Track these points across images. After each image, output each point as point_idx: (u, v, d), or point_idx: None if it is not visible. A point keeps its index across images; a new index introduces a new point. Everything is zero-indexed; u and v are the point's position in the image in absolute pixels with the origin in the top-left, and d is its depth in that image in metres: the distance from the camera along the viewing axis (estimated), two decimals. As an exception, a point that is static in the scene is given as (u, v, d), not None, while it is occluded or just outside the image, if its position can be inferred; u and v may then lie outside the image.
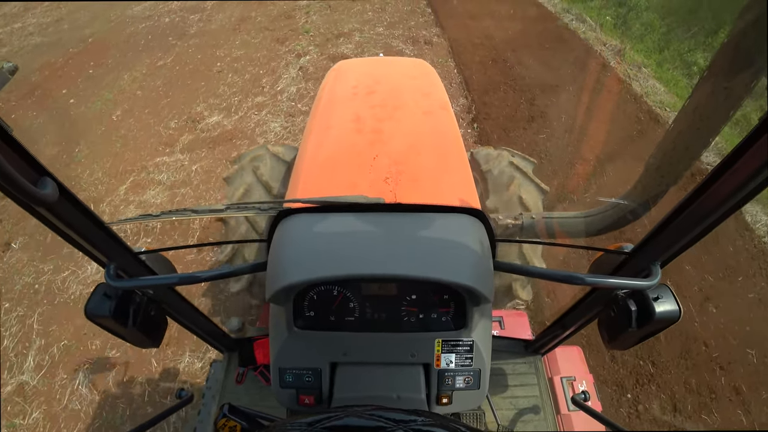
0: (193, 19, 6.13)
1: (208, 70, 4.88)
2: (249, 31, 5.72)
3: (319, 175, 1.39)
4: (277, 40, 5.46)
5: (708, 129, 1.02)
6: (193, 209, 0.85)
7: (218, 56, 5.16)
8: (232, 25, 5.91)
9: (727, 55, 0.91)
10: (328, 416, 0.54)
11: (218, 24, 5.99)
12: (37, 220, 0.64)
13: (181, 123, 4.06)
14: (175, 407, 1.09)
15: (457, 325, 0.90)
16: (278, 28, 5.75)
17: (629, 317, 0.82)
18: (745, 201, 0.60)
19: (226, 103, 4.29)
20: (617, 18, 5.54)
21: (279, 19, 6.08)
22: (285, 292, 0.82)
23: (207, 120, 4.06)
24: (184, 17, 6.23)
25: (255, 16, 6.13)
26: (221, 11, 6.35)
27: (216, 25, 5.94)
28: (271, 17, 6.12)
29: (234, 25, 5.88)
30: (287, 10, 6.27)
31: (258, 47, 5.33)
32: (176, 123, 4.07)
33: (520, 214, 1.58)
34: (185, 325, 1.15)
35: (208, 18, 6.18)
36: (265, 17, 6.12)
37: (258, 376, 1.45)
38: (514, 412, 1.34)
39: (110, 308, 0.80)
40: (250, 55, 5.16)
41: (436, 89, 1.85)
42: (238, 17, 6.13)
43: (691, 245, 0.73)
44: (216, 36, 5.64)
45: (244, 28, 5.81)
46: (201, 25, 5.95)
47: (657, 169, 1.18)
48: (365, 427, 0.53)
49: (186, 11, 6.39)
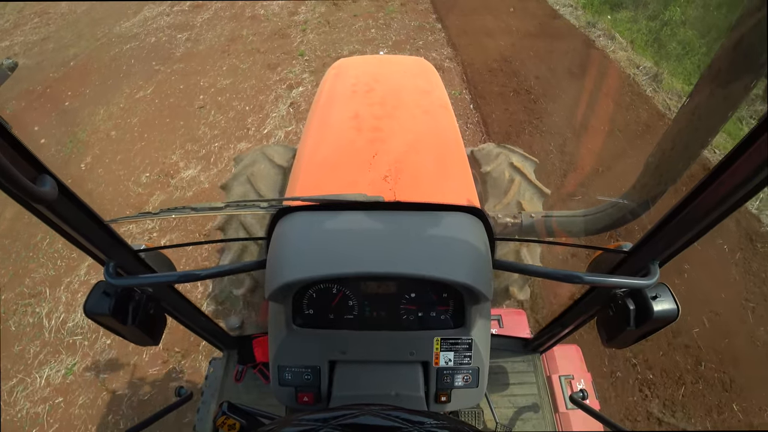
0: (180, 39, 5.59)
1: (189, 105, 4.31)
2: (238, 54, 5.16)
3: (318, 174, 1.39)
4: (269, 65, 4.88)
5: (707, 129, 1.02)
6: (192, 207, 0.85)
7: (202, 87, 4.58)
8: (221, 45, 5.38)
9: (726, 56, 0.91)
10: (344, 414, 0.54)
11: (206, 44, 5.44)
12: (37, 217, 0.64)
13: (153, 177, 3.51)
14: (174, 405, 1.09)
15: (456, 324, 0.90)
16: (270, 50, 5.18)
17: (628, 316, 0.82)
18: (744, 200, 0.60)
19: (205, 150, 3.72)
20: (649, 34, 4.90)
21: (272, 38, 5.47)
22: (284, 290, 0.82)
23: (182, 174, 3.50)
24: (171, 36, 5.70)
25: (246, 35, 5.55)
26: (211, 29, 5.80)
27: (204, 46, 5.41)
28: (264, 36, 5.54)
29: (223, 46, 5.35)
30: (282, 27, 5.70)
31: (246, 75, 4.74)
32: (148, 177, 3.52)
33: (520, 213, 1.58)
34: (184, 323, 1.15)
35: (197, 37, 5.63)
36: (258, 36, 5.54)
37: (257, 374, 1.45)
38: (512, 411, 1.35)
39: (109, 306, 0.80)
40: (237, 86, 4.56)
41: (436, 88, 1.84)
42: (228, 36, 5.58)
43: (689, 244, 0.73)
44: (203, 60, 5.10)
45: (234, 49, 5.26)
46: (188, 46, 5.41)
47: (656, 169, 1.19)
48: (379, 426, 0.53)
49: (174, 29, 5.86)
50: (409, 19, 5.74)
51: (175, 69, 4.96)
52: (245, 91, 4.48)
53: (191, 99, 4.42)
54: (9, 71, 0.82)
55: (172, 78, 4.79)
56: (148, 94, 4.54)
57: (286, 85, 4.51)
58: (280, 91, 4.44)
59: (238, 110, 4.21)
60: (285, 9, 6.18)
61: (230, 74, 4.78)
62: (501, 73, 4.43)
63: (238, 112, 4.19)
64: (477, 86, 4.27)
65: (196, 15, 6.20)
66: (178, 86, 4.63)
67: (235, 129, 3.97)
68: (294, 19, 5.94)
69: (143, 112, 4.28)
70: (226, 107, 4.26)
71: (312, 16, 5.96)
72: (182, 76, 4.81)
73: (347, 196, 0.89)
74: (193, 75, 4.81)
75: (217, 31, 5.73)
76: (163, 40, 5.62)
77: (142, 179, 3.53)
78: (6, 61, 0.82)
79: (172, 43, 5.53)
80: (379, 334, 0.90)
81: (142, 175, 3.55)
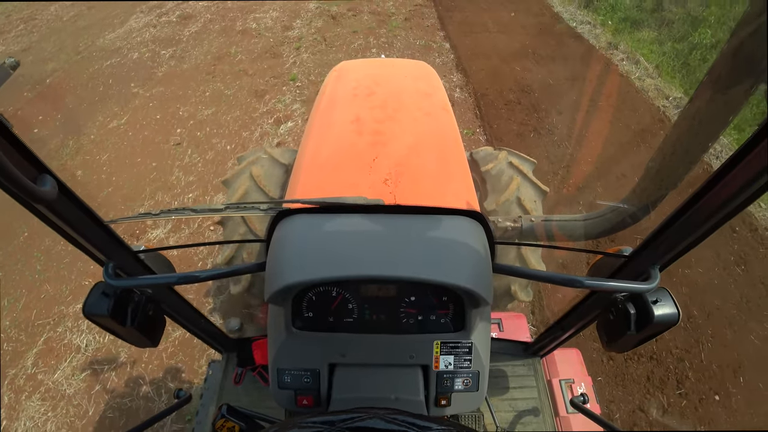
0: (164, 56, 5.12)
1: (165, 140, 3.82)
2: (224, 76, 4.67)
3: (318, 176, 1.39)
4: (256, 92, 4.36)
5: (707, 134, 1.02)
6: (192, 208, 0.85)
7: (180, 117, 4.08)
8: (207, 65, 4.90)
9: (727, 60, 0.91)
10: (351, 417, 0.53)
11: (191, 63, 4.97)
12: (36, 217, 0.64)
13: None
14: (173, 407, 1.09)
15: (456, 327, 0.90)
16: (259, 72, 4.69)
17: (628, 320, 0.82)
18: (744, 205, 0.60)
19: (177, 203, 3.26)
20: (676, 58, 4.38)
21: (263, 57, 4.97)
22: (284, 293, 0.82)
23: (149, 234, 3.04)
24: (155, 52, 5.24)
25: (235, 53, 5.08)
26: (198, 45, 5.32)
27: (188, 65, 4.93)
28: (254, 55, 5.03)
29: (209, 66, 4.88)
30: (274, 45, 5.20)
31: (231, 103, 4.25)
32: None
33: (520, 216, 1.58)
34: (184, 325, 1.14)
35: (182, 54, 5.14)
36: (247, 54, 5.05)
37: (256, 377, 1.45)
38: (512, 414, 1.34)
39: (108, 307, 0.80)
40: (219, 117, 4.05)
41: (437, 91, 1.85)
42: (215, 53, 5.12)
43: (690, 249, 0.73)
44: (185, 82, 4.61)
45: (219, 70, 4.78)
46: (171, 65, 4.95)
47: (656, 173, 1.19)
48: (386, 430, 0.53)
49: (159, 44, 5.41)
50: (414, 36, 5.26)
51: (155, 93, 4.46)
52: (227, 125, 3.96)
53: (168, 132, 3.91)
54: (11, 70, 0.82)
55: (149, 104, 4.30)
56: (122, 125, 4.06)
57: (273, 119, 4.01)
58: (266, 126, 3.94)
59: (218, 150, 3.69)
60: (279, 23, 5.79)
61: (213, 101, 4.30)
62: (519, 107, 3.89)
63: (218, 152, 3.68)
64: (492, 124, 3.73)
65: (183, 28, 5.79)
66: (155, 115, 4.13)
67: (212, 175, 3.45)
68: (288, 35, 5.47)
69: (114, 147, 3.80)
70: (204, 145, 3.75)
71: (307, 31, 5.54)
72: (161, 103, 4.32)
73: (347, 198, 0.89)
74: (172, 101, 4.32)
75: (204, 48, 5.27)
76: (146, 57, 5.17)
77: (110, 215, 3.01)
78: (8, 59, 0.82)
79: (155, 60, 5.09)
80: (378, 337, 0.90)
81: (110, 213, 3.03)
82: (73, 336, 2.48)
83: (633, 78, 4.25)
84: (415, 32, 5.41)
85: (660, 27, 5.02)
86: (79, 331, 2.51)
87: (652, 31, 5.01)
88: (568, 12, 5.78)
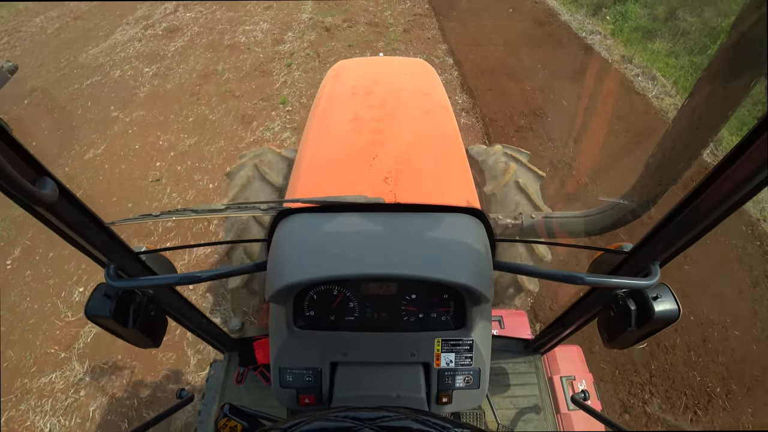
0: (147, 74, 4.82)
1: (143, 176, 3.50)
2: (209, 98, 4.32)
3: (318, 175, 1.39)
4: (243, 118, 4.01)
5: (707, 129, 1.02)
6: (192, 209, 0.86)
7: (160, 148, 3.75)
8: (192, 84, 4.56)
9: (727, 55, 0.91)
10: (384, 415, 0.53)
11: (175, 82, 4.64)
12: (37, 220, 0.64)
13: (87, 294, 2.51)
14: (175, 407, 1.09)
15: (456, 325, 0.90)
16: (247, 94, 4.34)
17: (629, 317, 0.82)
18: (744, 200, 0.60)
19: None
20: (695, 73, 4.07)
21: (251, 76, 4.60)
22: (285, 292, 0.82)
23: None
24: (138, 70, 4.92)
25: (222, 71, 4.75)
26: (183, 61, 5.00)
27: (172, 85, 4.60)
28: (242, 73, 4.68)
29: (193, 86, 4.54)
30: (264, 61, 4.85)
31: (215, 130, 3.90)
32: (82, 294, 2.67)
33: (520, 213, 1.58)
34: (185, 325, 1.15)
35: (166, 72, 4.82)
36: (235, 72, 4.70)
37: (258, 376, 1.45)
38: (514, 412, 1.35)
39: (110, 308, 0.80)
40: (201, 148, 3.71)
41: (436, 89, 1.85)
42: (201, 71, 4.77)
43: (690, 244, 0.73)
44: (167, 105, 4.28)
45: (205, 91, 4.44)
46: (155, 84, 4.65)
47: (656, 169, 1.19)
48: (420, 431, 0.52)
49: (143, 60, 5.12)
50: (415, 50, 4.93)
51: (135, 118, 4.16)
52: (211, 158, 3.63)
53: (146, 166, 3.59)
54: (9, 74, 0.82)
55: (129, 131, 3.99)
56: (98, 155, 3.77)
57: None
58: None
59: (199, 188, 3.34)
60: (269, 36, 5.46)
61: (196, 129, 3.95)
62: (531, 134, 3.52)
63: (199, 191, 3.35)
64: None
65: (169, 42, 5.50)
66: (134, 145, 3.83)
67: (192, 221, 3.16)
68: (279, 49, 5.11)
69: (89, 184, 3.48)
70: (185, 182, 3.40)
71: (299, 45, 5.18)
72: (141, 129, 4.01)
73: (348, 197, 0.89)
74: (153, 128, 4.00)
75: (190, 64, 4.96)
76: (128, 75, 4.88)
77: (74, 296, 2.66)
78: (6, 63, 0.82)
79: (137, 79, 4.79)
80: (380, 335, 0.90)
81: (75, 290, 2.69)
82: (37, 417, 2.18)
83: (650, 96, 3.96)
84: (416, 45, 5.12)
85: (674, 37, 4.68)
86: (42, 412, 2.20)
87: (666, 41, 4.69)
88: (576, 21, 5.40)
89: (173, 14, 6.27)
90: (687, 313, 2.39)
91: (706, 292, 2.51)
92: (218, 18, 6.08)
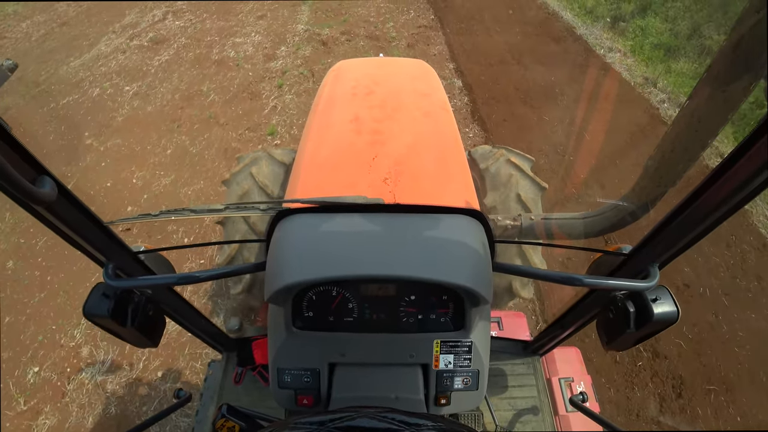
0: (127, 93, 4.43)
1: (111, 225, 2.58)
2: (191, 125, 3.90)
3: (318, 176, 1.39)
4: (226, 151, 3.60)
5: (706, 131, 1.02)
6: (191, 209, 0.85)
7: (133, 187, 3.34)
8: (173, 108, 4.15)
9: (726, 58, 0.91)
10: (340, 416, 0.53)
11: (156, 104, 4.24)
12: (36, 219, 0.64)
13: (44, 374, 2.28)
14: (173, 407, 1.09)
15: (455, 326, 0.90)
16: (233, 121, 3.93)
17: (628, 318, 0.82)
18: (743, 203, 0.60)
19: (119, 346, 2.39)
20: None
21: (238, 98, 4.19)
22: (284, 293, 0.82)
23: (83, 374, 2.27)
24: (118, 88, 4.53)
25: (207, 91, 4.31)
26: (167, 79, 4.60)
27: (153, 107, 4.20)
28: (229, 94, 4.25)
29: (175, 109, 4.12)
30: (253, 80, 4.44)
31: (195, 167, 3.47)
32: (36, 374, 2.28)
33: (519, 215, 1.58)
34: (184, 325, 1.15)
35: (147, 91, 4.43)
36: (221, 94, 4.27)
37: (256, 377, 1.45)
38: (512, 413, 1.35)
39: (108, 308, 0.80)
40: (178, 191, 3.28)
41: (436, 90, 1.85)
42: (184, 91, 4.35)
43: (689, 247, 0.73)
44: (146, 132, 3.89)
45: (187, 116, 4.01)
46: (134, 106, 4.25)
47: (656, 171, 1.19)
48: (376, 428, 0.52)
49: (124, 76, 4.70)
50: None
51: (109, 147, 3.75)
52: (187, 203, 3.16)
53: (116, 211, 3.14)
54: (9, 72, 0.82)
55: (101, 164, 3.58)
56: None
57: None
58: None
59: (174, 242, 2.96)
60: (261, 50, 5.01)
61: (174, 164, 3.53)
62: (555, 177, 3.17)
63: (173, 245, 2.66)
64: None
65: (154, 55, 5.10)
66: (106, 182, 3.39)
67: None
68: (270, 66, 4.67)
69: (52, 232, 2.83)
70: (158, 234, 3.00)
71: (293, 62, 4.72)
72: (114, 162, 3.59)
73: (347, 198, 0.89)
74: (127, 161, 3.58)
75: (173, 83, 4.55)
76: (108, 94, 4.46)
77: (28, 376, 2.28)
78: (6, 62, 0.82)
79: (116, 99, 4.37)
80: (378, 336, 0.90)
81: (29, 370, 2.31)
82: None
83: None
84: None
85: (700, 56, 4.27)
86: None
87: (692, 62, 4.27)
88: (593, 35, 4.98)
89: (161, 22, 5.86)
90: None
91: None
92: (208, 28, 5.63)
